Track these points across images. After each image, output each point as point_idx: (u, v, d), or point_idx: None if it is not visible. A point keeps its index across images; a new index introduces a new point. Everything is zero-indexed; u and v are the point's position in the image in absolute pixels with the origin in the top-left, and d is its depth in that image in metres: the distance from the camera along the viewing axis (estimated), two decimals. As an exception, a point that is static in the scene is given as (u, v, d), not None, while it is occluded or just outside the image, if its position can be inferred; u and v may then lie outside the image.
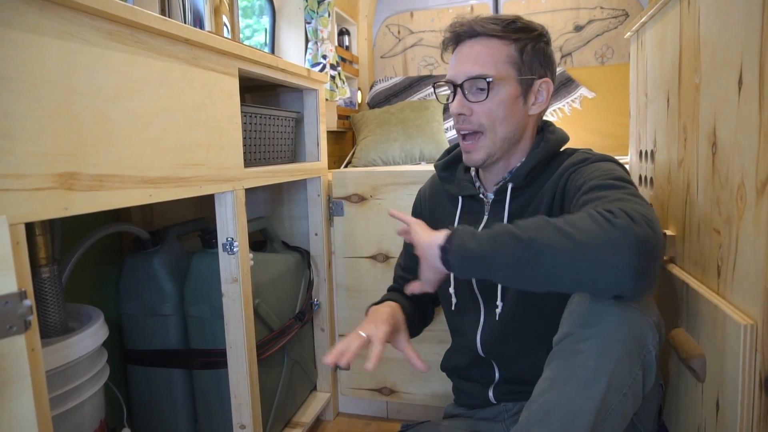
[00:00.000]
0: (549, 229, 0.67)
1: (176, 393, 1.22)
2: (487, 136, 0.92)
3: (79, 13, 0.68)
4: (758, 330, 0.63)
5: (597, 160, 0.88)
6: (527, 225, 0.70)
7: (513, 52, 0.90)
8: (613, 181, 0.77)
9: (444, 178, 1.05)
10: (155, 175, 0.82)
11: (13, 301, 0.57)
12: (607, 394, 0.66)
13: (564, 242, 0.65)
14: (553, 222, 0.68)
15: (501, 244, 0.69)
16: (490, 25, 0.90)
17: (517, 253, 0.68)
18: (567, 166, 0.89)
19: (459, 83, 0.91)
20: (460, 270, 0.75)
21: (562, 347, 0.71)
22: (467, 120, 0.92)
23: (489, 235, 0.71)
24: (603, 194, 0.75)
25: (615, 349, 0.67)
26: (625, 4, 2.21)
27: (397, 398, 1.55)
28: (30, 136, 0.61)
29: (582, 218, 0.67)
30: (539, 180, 0.93)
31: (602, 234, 0.64)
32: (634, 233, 0.63)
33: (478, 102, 0.90)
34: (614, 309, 0.69)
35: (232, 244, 1.06)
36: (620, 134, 1.91)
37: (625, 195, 0.72)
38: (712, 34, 0.77)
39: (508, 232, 0.70)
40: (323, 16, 1.98)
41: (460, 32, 0.92)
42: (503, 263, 0.69)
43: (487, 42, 0.90)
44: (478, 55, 0.90)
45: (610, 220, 0.65)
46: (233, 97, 1.05)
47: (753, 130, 0.63)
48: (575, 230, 0.66)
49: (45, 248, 0.92)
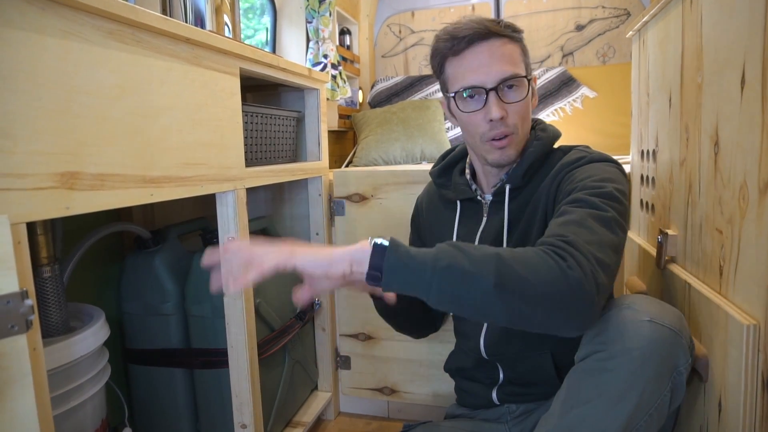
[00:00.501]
0: (494, 263, 0.67)
1: (177, 392, 1.22)
2: (517, 135, 0.91)
3: (80, 12, 0.68)
4: (761, 330, 0.62)
5: (593, 160, 0.88)
6: (475, 254, 0.68)
7: (520, 50, 0.90)
8: (596, 200, 0.77)
9: (440, 184, 1.05)
10: (156, 175, 0.82)
11: (15, 300, 0.57)
12: (635, 414, 0.65)
13: (510, 282, 0.65)
14: (501, 256, 0.68)
15: (449, 255, 0.68)
16: (497, 25, 0.88)
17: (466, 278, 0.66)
18: (563, 165, 0.89)
19: (492, 87, 0.86)
20: (391, 278, 0.68)
21: (589, 364, 0.70)
22: (505, 123, 0.88)
23: (435, 250, 0.69)
24: (576, 211, 0.76)
25: (646, 370, 0.66)
26: (627, 3, 2.20)
27: (398, 398, 1.55)
28: (31, 136, 0.61)
29: (533, 261, 0.67)
30: (536, 179, 0.93)
31: (551, 288, 0.65)
32: (582, 290, 0.65)
33: (515, 102, 0.88)
34: (647, 329, 0.68)
35: (234, 243, 1.06)
36: (622, 134, 1.91)
37: (598, 227, 0.73)
38: (715, 34, 0.77)
39: (457, 251, 0.69)
40: (324, 16, 1.97)
41: (471, 34, 0.87)
42: (444, 284, 0.67)
43: (501, 42, 0.88)
44: (502, 54, 0.87)
45: (563, 271, 0.66)
46: (234, 97, 1.05)
47: (755, 129, 0.63)
48: (527, 273, 0.66)
49: (46, 247, 0.92)
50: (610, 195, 0.78)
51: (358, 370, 1.57)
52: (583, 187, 0.81)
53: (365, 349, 1.56)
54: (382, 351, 1.53)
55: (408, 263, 0.68)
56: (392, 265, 0.68)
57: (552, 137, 0.96)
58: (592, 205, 0.76)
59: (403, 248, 0.69)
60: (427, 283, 0.67)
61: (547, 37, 2.31)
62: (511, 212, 0.94)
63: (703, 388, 0.78)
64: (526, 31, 0.94)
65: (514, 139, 0.90)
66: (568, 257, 0.67)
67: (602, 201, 0.77)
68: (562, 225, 0.74)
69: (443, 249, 0.69)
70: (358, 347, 1.57)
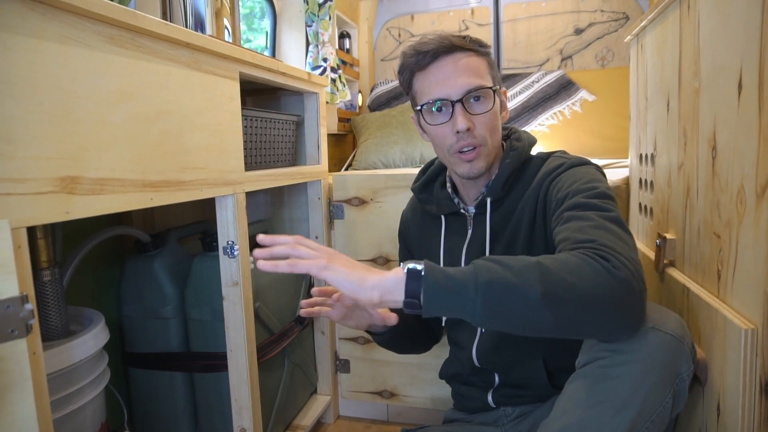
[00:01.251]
0: (537, 272, 0.64)
1: (177, 396, 1.22)
2: (485, 147, 0.90)
3: (80, 17, 0.68)
4: (759, 334, 0.63)
5: (573, 165, 0.88)
6: (517, 265, 0.66)
7: (486, 64, 0.91)
8: (597, 201, 0.77)
9: (423, 199, 1.04)
10: (156, 179, 0.83)
11: (15, 304, 0.57)
12: (637, 420, 0.65)
13: (560, 291, 0.64)
14: (543, 264, 0.66)
15: (488, 269, 0.65)
16: (461, 40, 0.89)
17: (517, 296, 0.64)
18: (545, 174, 0.90)
19: (457, 99, 0.87)
20: (432, 303, 0.66)
21: (591, 371, 0.69)
22: (471, 135, 0.88)
23: (473, 266, 0.67)
24: (586, 215, 0.75)
25: (649, 377, 0.66)
26: (626, 7, 2.21)
27: (397, 401, 1.55)
28: (31, 140, 0.62)
29: (577, 266, 0.65)
30: (516, 188, 0.93)
31: (603, 290, 0.64)
32: (633, 289, 0.64)
33: (481, 114, 0.88)
34: (650, 336, 0.68)
35: (233, 247, 1.07)
36: (620, 137, 1.91)
37: (614, 227, 0.72)
38: (712, 38, 0.77)
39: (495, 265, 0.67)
40: (324, 20, 1.98)
41: (434, 48, 0.88)
42: (489, 300, 0.64)
43: (465, 55, 0.89)
44: (468, 67, 0.88)
45: (610, 272, 0.64)
46: (234, 101, 1.05)
47: (753, 133, 0.63)
48: (574, 279, 0.64)
49: (46, 251, 0.93)
50: (605, 194, 0.79)
51: (357, 374, 1.57)
52: (576, 191, 0.81)
53: (364, 353, 1.56)
54: (381, 354, 1.53)
55: (447, 284, 0.65)
56: (431, 288, 0.65)
57: (527, 145, 0.96)
58: (594, 207, 0.76)
59: (440, 270, 0.66)
60: (471, 302, 0.64)
61: (546, 41, 2.31)
62: (494, 224, 0.94)
63: (701, 391, 0.78)
64: (525, 35, 0.95)
65: (483, 151, 0.90)
66: (611, 258, 0.65)
67: (602, 201, 0.77)
68: (579, 230, 0.72)
69: (481, 264, 0.66)
70: (357, 351, 1.57)
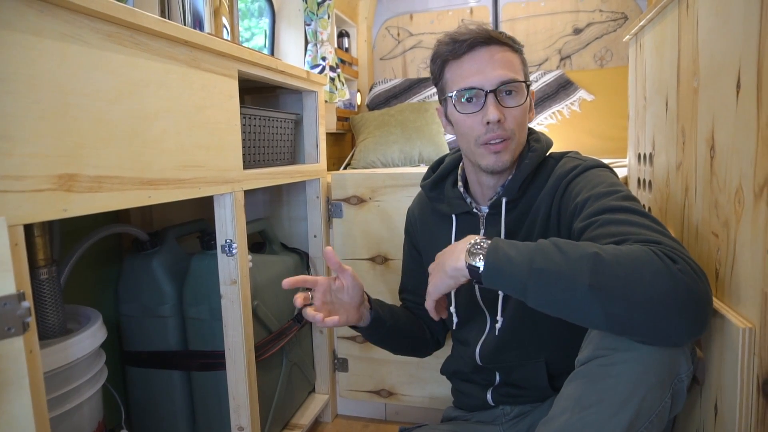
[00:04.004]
0: (590, 263, 0.64)
1: (175, 394, 1.22)
2: (513, 142, 0.89)
3: (78, 15, 0.68)
4: (756, 333, 0.63)
5: (589, 167, 0.88)
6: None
7: (519, 60, 0.91)
8: (630, 204, 0.76)
9: (433, 197, 1.03)
10: (154, 177, 0.82)
11: (12, 302, 0.57)
12: (635, 420, 0.65)
13: (621, 286, 0.63)
14: (600, 256, 0.65)
15: (546, 256, 0.67)
16: (498, 34, 0.88)
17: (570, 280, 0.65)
18: (560, 176, 0.89)
19: (491, 89, 0.86)
20: (492, 274, 0.71)
21: (590, 369, 0.69)
22: (502, 127, 0.87)
23: (534, 248, 0.69)
24: (630, 219, 0.73)
25: (648, 377, 0.65)
26: (624, 7, 2.21)
27: (395, 400, 1.55)
28: (29, 138, 0.62)
29: (643, 262, 0.64)
30: (531, 189, 0.93)
31: (664, 292, 0.62)
32: (697, 291, 0.62)
33: (513, 107, 0.88)
34: None
35: (231, 245, 1.06)
36: (619, 137, 1.92)
37: (664, 230, 0.71)
38: (711, 38, 0.77)
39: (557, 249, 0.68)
40: (323, 18, 1.98)
41: (472, 38, 0.87)
42: (539, 286, 0.67)
43: (501, 49, 0.88)
44: (503, 60, 0.87)
45: (672, 272, 0.62)
46: (233, 99, 1.05)
47: (751, 133, 0.63)
48: (632, 275, 0.63)
49: (44, 249, 0.92)
50: (632, 197, 0.79)
51: (355, 373, 1.57)
52: (600, 195, 0.79)
53: (363, 352, 1.56)
54: (379, 353, 1.53)
55: (504, 267, 0.70)
56: (490, 267, 0.71)
57: (545, 147, 0.95)
58: (631, 210, 0.75)
59: (502, 250, 0.71)
60: (522, 286, 0.68)
61: (545, 41, 2.31)
62: (508, 225, 0.93)
63: (699, 391, 0.78)
64: (523, 35, 0.95)
65: (510, 146, 0.89)
66: (679, 260, 0.63)
67: (632, 204, 0.76)
68: (633, 231, 0.70)
69: (542, 248, 0.69)
70: (355, 350, 1.57)
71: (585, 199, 0.81)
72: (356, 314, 0.94)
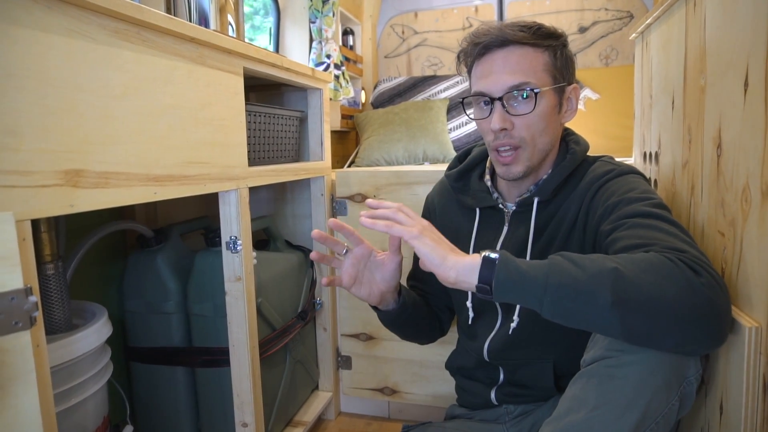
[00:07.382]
0: (611, 279, 0.63)
1: (179, 390, 1.22)
2: (526, 149, 0.86)
3: (86, 11, 0.68)
4: (762, 332, 0.63)
5: (622, 173, 0.86)
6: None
7: (548, 59, 0.85)
8: (660, 212, 0.74)
9: (458, 188, 1.01)
10: (160, 173, 0.83)
11: (19, 297, 0.57)
12: (642, 422, 0.65)
13: (640, 297, 0.62)
14: (620, 271, 0.63)
15: (561, 270, 0.66)
16: (519, 33, 0.83)
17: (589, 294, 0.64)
18: (592, 180, 0.87)
19: (498, 96, 0.84)
20: (502, 293, 0.69)
21: (597, 370, 0.68)
22: (508, 135, 0.85)
23: (547, 265, 0.67)
24: (658, 225, 0.72)
25: (655, 379, 0.65)
26: (630, 5, 2.21)
27: (398, 398, 1.55)
28: (37, 133, 0.62)
29: (664, 275, 0.63)
30: (563, 192, 0.90)
31: (685, 303, 0.61)
32: (718, 304, 0.62)
33: (521, 115, 0.84)
34: None
35: (236, 242, 1.07)
36: (624, 136, 1.91)
37: (692, 241, 0.70)
38: (718, 36, 0.77)
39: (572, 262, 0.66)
40: (328, 16, 1.98)
41: (487, 41, 0.84)
42: (557, 301, 0.66)
43: (520, 50, 0.84)
44: (516, 63, 0.83)
45: (694, 285, 0.62)
46: (238, 96, 1.05)
47: (758, 132, 0.63)
48: (654, 291, 0.62)
49: (50, 245, 0.93)
50: (665, 206, 0.77)
51: (358, 370, 1.58)
52: (632, 200, 0.78)
53: (366, 350, 1.56)
54: (383, 351, 1.54)
55: (518, 280, 0.67)
56: (502, 280, 0.68)
57: (584, 150, 0.93)
58: (662, 217, 0.74)
59: (513, 264, 0.68)
60: (538, 299, 0.66)
61: (550, 39, 2.31)
62: (536, 224, 0.91)
63: (704, 390, 0.78)
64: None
65: (522, 154, 0.86)
66: (702, 272, 0.63)
67: (663, 212, 0.75)
68: (660, 237, 0.69)
69: (556, 263, 0.67)
70: (359, 347, 1.57)
71: (616, 203, 0.79)
72: (378, 297, 0.91)
